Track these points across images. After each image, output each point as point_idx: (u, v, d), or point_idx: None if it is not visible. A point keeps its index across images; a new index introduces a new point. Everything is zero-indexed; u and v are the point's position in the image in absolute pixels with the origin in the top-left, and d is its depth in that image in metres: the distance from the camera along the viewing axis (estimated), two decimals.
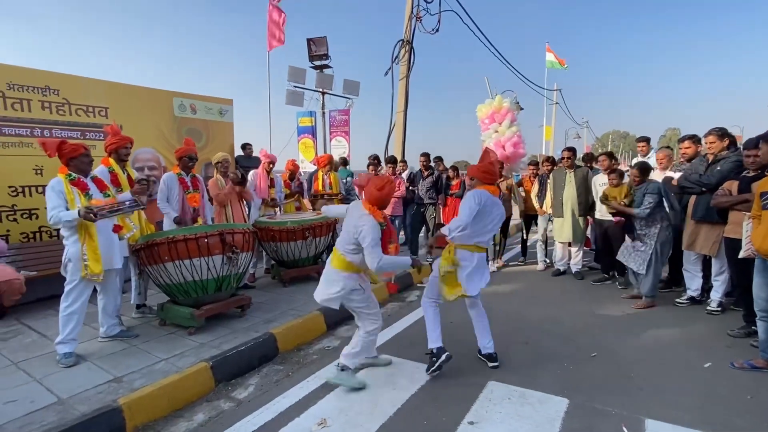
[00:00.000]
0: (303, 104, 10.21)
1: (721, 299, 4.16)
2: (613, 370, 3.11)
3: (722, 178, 3.92)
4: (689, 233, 4.21)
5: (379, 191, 2.81)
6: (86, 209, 2.96)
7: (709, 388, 2.83)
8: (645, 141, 6.07)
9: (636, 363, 3.21)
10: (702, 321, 4.05)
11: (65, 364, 3.00)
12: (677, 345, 3.53)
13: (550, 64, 23.73)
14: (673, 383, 2.90)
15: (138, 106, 5.43)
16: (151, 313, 4.06)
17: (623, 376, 3.01)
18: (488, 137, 6.80)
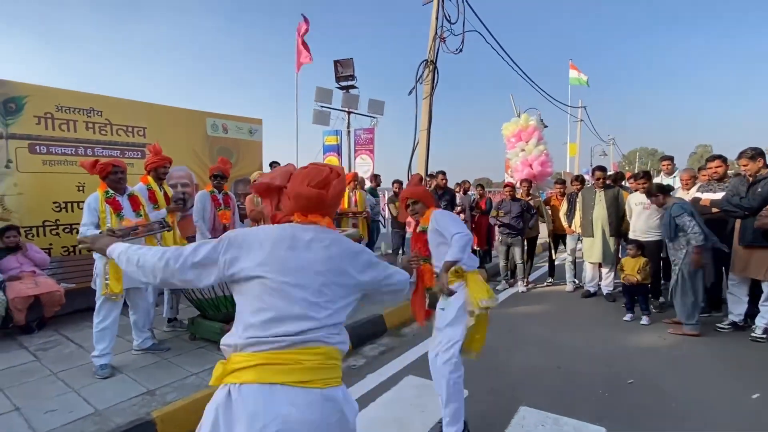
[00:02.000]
0: (329, 123, 10.45)
1: (767, 326, 3.94)
2: (652, 399, 2.97)
3: (764, 200, 3.77)
4: (740, 258, 4.06)
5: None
6: (108, 230, 3.06)
7: (757, 421, 2.66)
8: (669, 160, 5.92)
9: (676, 391, 3.06)
10: (746, 348, 3.84)
11: (101, 376, 3.09)
12: (720, 373, 3.35)
13: (574, 80, 23.55)
14: (717, 414, 2.75)
15: (174, 125, 5.67)
16: (182, 327, 4.14)
17: (663, 405, 2.88)
18: (515, 155, 6.77)
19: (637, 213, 5.03)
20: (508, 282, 6.40)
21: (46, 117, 4.51)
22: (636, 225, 5.04)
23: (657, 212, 4.91)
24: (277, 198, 1.48)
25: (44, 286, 4.07)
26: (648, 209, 4.93)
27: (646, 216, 4.94)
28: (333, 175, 1.44)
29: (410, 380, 3.30)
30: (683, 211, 4.05)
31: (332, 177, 1.43)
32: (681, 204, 4.15)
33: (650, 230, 4.93)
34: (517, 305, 5.47)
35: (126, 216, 3.31)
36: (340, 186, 1.46)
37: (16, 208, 4.33)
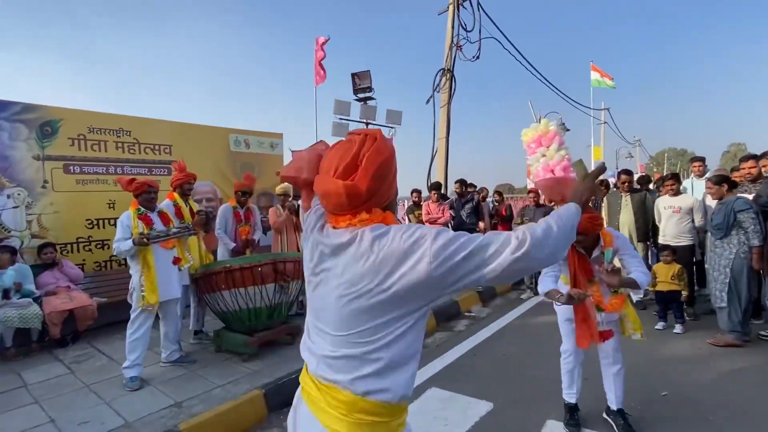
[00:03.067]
0: None
1: None
2: (688, 413, 2.83)
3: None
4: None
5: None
6: (139, 235, 3.23)
7: None
8: (700, 161, 5.70)
9: (714, 405, 2.91)
10: None
11: (131, 388, 3.18)
12: (763, 385, 3.17)
13: (595, 82, 23.07)
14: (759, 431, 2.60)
15: (198, 142, 5.85)
16: (208, 339, 4.22)
17: (700, 420, 2.74)
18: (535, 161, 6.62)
19: (666, 217, 4.86)
20: (533, 291, 6.26)
21: (79, 138, 4.74)
22: (666, 229, 4.86)
23: (687, 215, 4.74)
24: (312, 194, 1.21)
25: (78, 300, 4.23)
26: (678, 213, 4.75)
27: (677, 220, 4.76)
28: (366, 147, 1.06)
29: (434, 392, 3.26)
30: (749, 206, 3.81)
31: (365, 150, 1.05)
32: (746, 199, 3.92)
33: (681, 234, 4.75)
34: (543, 315, 5.33)
35: (156, 230, 3.44)
36: (378, 157, 1.05)
37: (52, 225, 4.54)
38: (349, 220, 1.07)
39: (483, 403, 3.02)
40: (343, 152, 1.06)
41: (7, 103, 4.31)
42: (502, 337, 4.55)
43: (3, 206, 4.23)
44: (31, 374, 3.56)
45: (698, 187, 5.39)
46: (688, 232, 4.76)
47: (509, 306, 5.80)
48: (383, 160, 1.06)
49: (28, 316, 3.87)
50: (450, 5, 9.17)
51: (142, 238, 3.23)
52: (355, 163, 1.04)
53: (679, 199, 4.82)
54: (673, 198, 4.84)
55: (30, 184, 4.40)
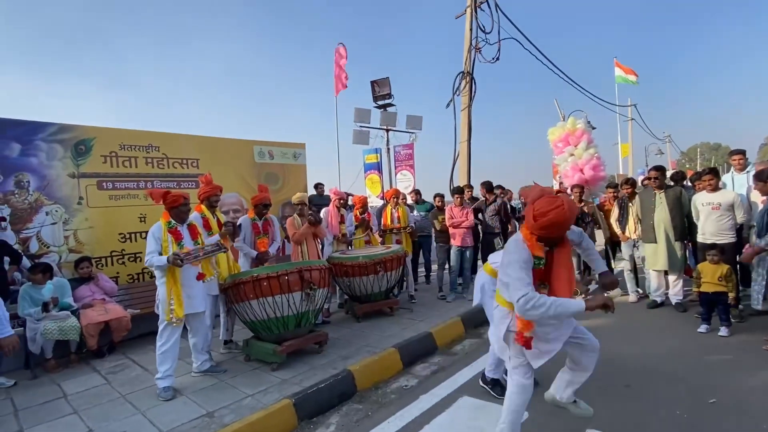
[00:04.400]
0: (369, 142, 10.62)
1: None
2: (741, 422, 2.65)
3: None
4: None
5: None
6: (174, 255, 3.27)
7: None
8: (740, 154, 5.38)
9: (766, 414, 2.72)
10: None
11: (164, 398, 3.23)
12: None
13: (620, 79, 22.47)
14: None
15: (223, 155, 5.98)
16: (237, 349, 4.26)
17: (753, 429, 2.55)
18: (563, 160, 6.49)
19: (705, 214, 4.62)
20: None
21: (111, 156, 4.91)
22: (705, 227, 4.63)
23: (728, 212, 4.50)
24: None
25: (113, 312, 4.36)
26: (717, 209, 4.52)
27: (716, 217, 4.53)
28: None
29: (465, 401, 3.17)
30: None
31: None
32: None
33: (722, 232, 4.51)
34: (577, 319, 5.15)
35: (185, 245, 3.49)
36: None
37: (87, 240, 4.71)
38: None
39: None
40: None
41: (43, 124, 4.51)
42: None
43: (42, 223, 4.41)
44: (70, 385, 3.68)
45: (739, 181, 5.11)
46: (729, 229, 4.51)
47: None
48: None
49: (67, 328, 4.00)
50: (467, 8, 9.12)
51: (177, 260, 3.25)
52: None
53: (718, 194, 4.58)
54: (712, 194, 4.60)
55: (66, 201, 4.58)
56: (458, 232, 5.88)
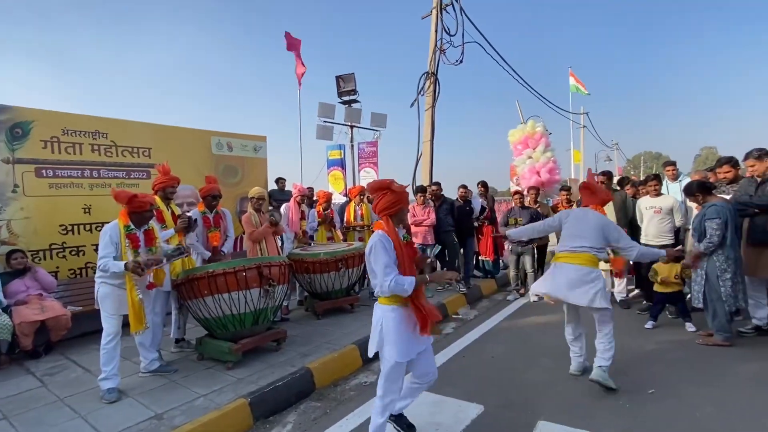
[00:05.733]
0: (332, 138, 10.50)
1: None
2: (676, 410, 2.85)
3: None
4: (750, 258, 3.93)
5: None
6: (135, 263, 3.06)
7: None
8: (672, 165, 5.85)
9: (700, 402, 2.94)
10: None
11: (108, 400, 3.03)
12: (746, 381, 3.23)
13: (574, 88, 23.57)
14: (745, 428, 2.63)
15: (179, 145, 5.69)
16: (190, 348, 4.08)
17: (688, 417, 2.76)
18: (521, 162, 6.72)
19: (648, 217, 4.94)
20: (518, 292, 6.30)
21: (53, 141, 4.55)
22: (648, 230, 4.95)
23: (668, 215, 4.83)
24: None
25: (51, 310, 4.04)
26: (659, 213, 4.84)
27: (658, 220, 4.85)
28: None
29: (424, 397, 3.17)
30: (717, 216, 3.79)
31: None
32: (719, 207, 3.84)
33: (662, 234, 4.84)
34: (529, 315, 5.36)
35: (140, 252, 3.28)
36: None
37: (23, 232, 4.33)
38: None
39: (473, 405, 2.99)
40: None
41: None
42: (490, 339, 4.55)
43: None
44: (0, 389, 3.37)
45: (672, 189, 5.51)
46: (669, 231, 4.85)
47: (496, 308, 5.81)
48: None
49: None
50: (433, 9, 9.21)
51: (137, 268, 3.05)
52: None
53: (660, 199, 4.91)
54: (654, 198, 4.93)
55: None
56: (420, 231, 5.94)
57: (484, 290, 6.59)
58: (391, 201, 2.34)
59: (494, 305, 5.98)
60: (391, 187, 2.38)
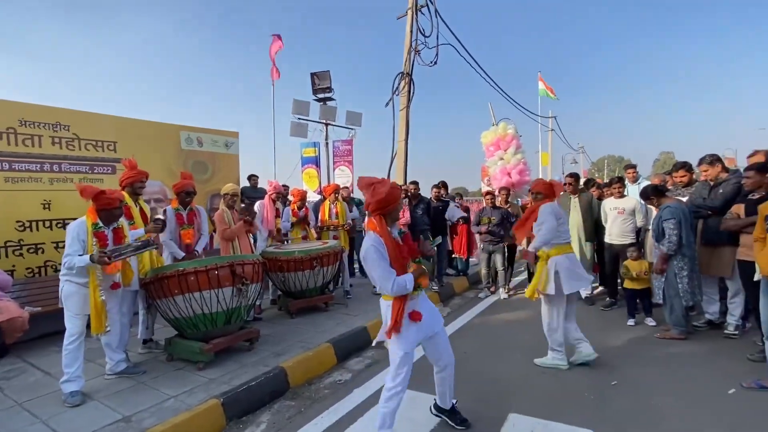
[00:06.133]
0: (307, 135, 10.40)
1: (737, 322, 4.10)
2: (637, 400, 3.02)
3: (726, 200, 3.99)
4: (704, 257, 4.19)
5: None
6: (100, 252, 2.95)
7: (736, 417, 2.74)
8: (633, 168, 6.17)
9: (658, 391, 3.12)
10: (721, 345, 3.97)
11: (71, 404, 2.91)
12: (699, 371, 3.44)
13: (543, 92, 24.29)
14: (698, 413, 2.81)
15: (146, 140, 5.51)
16: (158, 349, 3.97)
17: (647, 406, 2.92)
18: (493, 164, 6.88)
19: (612, 218, 5.17)
20: (489, 289, 6.45)
21: (9, 132, 4.31)
22: (611, 229, 5.18)
23: (630, 216, 5.07)
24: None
25: (6, 311, 3.79)
26: (622, 214, 5.08)
27: (621, 220, 5.09)
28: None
29: None
30: (672, 216, 4.02)
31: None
32: (673, 208, 4.06)
33: (624, 234, 5.08)
34: (500, 312, 5.51)
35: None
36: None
37: None
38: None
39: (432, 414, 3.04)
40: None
41: None
42: (463, 336, 4.64)
43: None
44: None
45: (632, 191, 5.80)
46: (631, 231, 5.10)
47: (467, 305, 5.94)
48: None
49: None
50: (409, 10, 9.28)
51: (103, 257, 2.93)
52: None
53: (623, 201, 5.15)
54: (618, 200, 5.16)
55: None
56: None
57: (457, 288, 6.72)
58: (384, 200, 2.32)
59: (466, 303, 6.10)
60: (384, 184, 2.39)
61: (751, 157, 4.16)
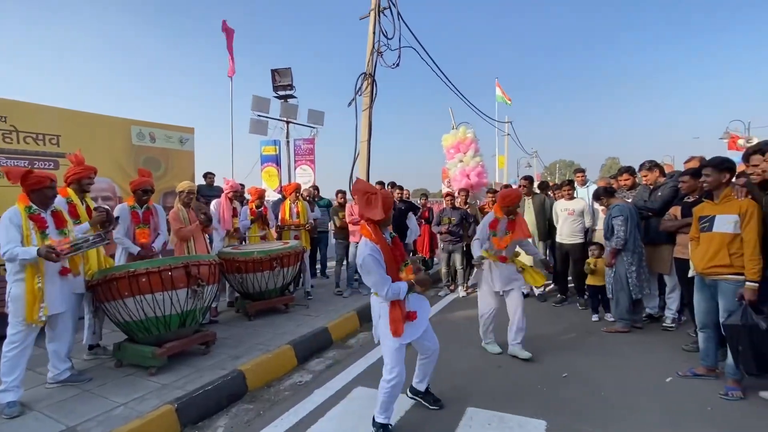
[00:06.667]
0: (267, 133, 10.16)
1: (674, 315, 4.44)
2: (585, 390, 3.20)
3: (664, 202, 4.31)
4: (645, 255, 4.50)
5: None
6: (48, 248, 2.76)
7: (673, 403, 2.97)
8: (582, 172, 6.55)
9: (605, 382, 3.32)
10: (660, 337, 4.29)
11: (9, 415, 2.69)
12: (640, 362, 3.70)
13: (500, 98, 25.17)
14: (641, 400, 3.02)
15: (93, 134, 5.19)
16: (106, 354, 3.75)
17: (595, 396, 3.11)
18: (453, 166, 7.05)
19: (563, 218, 5.45)
20: (449, 288, 6.60)
21: None
22: (562, 229, 5.45)
23: (580, 217, 5.36)
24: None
25: None
26: (572, 215, 5.36)
27: (570, 221, 5.37)
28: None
29: (359, 391, 3.27)
30: (620, 214, 4.32)
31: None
32: (622, 206, 4.38)
33: (574, 234, 5.37)
34: (458, 310, 5.65)
35: (50, 235, 2.97)
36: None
37: None
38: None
39: (405, 397, 3.09)
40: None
41: None
42: None
43: None
44: None
45: (581, 194, 6.14)
46: (580, 231, 5.39)
47: None
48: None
49: None
50: (371, 11, 9.30)
51: (50, 253, 2.74)
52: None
53: (573, 202, 5.44)
54: (568, 201, 5.45)
55: None
56: (357, 230, 5.98)
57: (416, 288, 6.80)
58: (377, 213, 2.46)
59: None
60: (378, 198, 2.49)
61: (687, 163, 4.53)
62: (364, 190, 2.54)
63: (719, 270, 3.00)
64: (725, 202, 3.05)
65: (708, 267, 3.06)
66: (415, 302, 2.65)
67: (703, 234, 3.15)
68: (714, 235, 3.03)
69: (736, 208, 2.96)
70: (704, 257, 3.09)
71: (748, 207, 2.92)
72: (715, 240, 3.02)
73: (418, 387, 2.99)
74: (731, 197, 3.04)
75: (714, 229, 3.04)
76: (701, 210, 3.25)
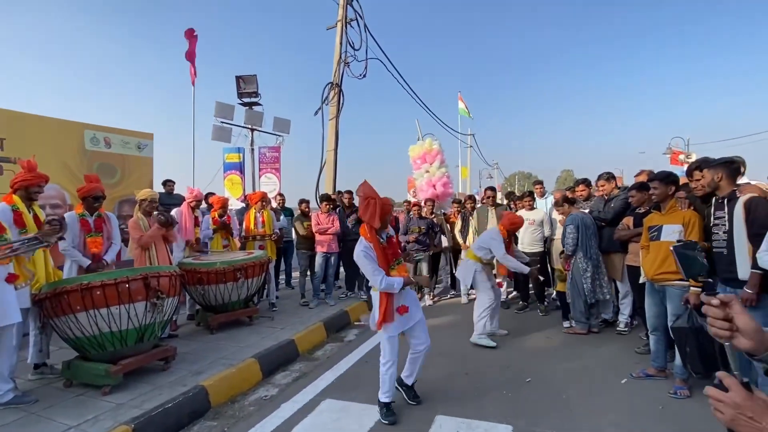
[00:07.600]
0: (230, 140, 9.92)
1: (627, 320, 4.69)
2: (547, 394, 3.31)
3: (616, 213, 4.58)
4: None
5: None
6: None
7: (628, 404, 3.13)
8: (540, 184, 6.87)
9: (566, 385, 3.46)
10: (614, 341, 4.51)
11: None
12: (597, 365, 3.88)
13: (462, 111, 25.90)
14: (599, 402, 3.16)
15: (41, 137, 4.90)
16: (53, 374, 3.49)
17: (557, 399, 3.22)
18: (420, 176, 7.17)
19: (524, 228, 5.63)
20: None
21: None
22: (523, 238, 5.66)
23: (540, 227, 5.59)
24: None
25: None
26: (532, 225, 5.57)
27: (531, 230, 5.58)
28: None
29: (327, 404, 3.22)
30: (571, 222, 4.62)
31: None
32: (573, 216, 4.67)
33: (534, 243, 5.58)
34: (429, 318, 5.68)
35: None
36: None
37: None
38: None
39: (377, 408, 3.08)
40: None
41: None
42: None
43: None
44: None
45: (539, 204, 6.42)
46: (540, 240, 5.61)
47: None
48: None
49: None
50: (338, 22, 9.38)
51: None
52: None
53: (533, 212, 5.67)
54: (529, 212, 5.67)
55: None
56: (325, 239, 5.93)
57: None
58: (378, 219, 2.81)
59: None
60: (377, 199, 2.84)
61: (637, 176, 4.83)
62: (365, 195, 2.87)
63: (667, 276, 3.21)
64: (671, 213, 3.29)
65: (657, 273, 3.27)
66: (408, 297, 3.04)
67: (652, 242, 3.37)
68: (662, 244, 3.25)
69: (680, 218, 3.20)
70: (653, 264, 3.30)
71: (691, 217, 3.17)
72: (663, 248, 3.23)
73: (406, 380, 3.22)
74: (676, 208, 3.28)
75: (662, 238, 3.26)
76: (650, 220, 3.47)
